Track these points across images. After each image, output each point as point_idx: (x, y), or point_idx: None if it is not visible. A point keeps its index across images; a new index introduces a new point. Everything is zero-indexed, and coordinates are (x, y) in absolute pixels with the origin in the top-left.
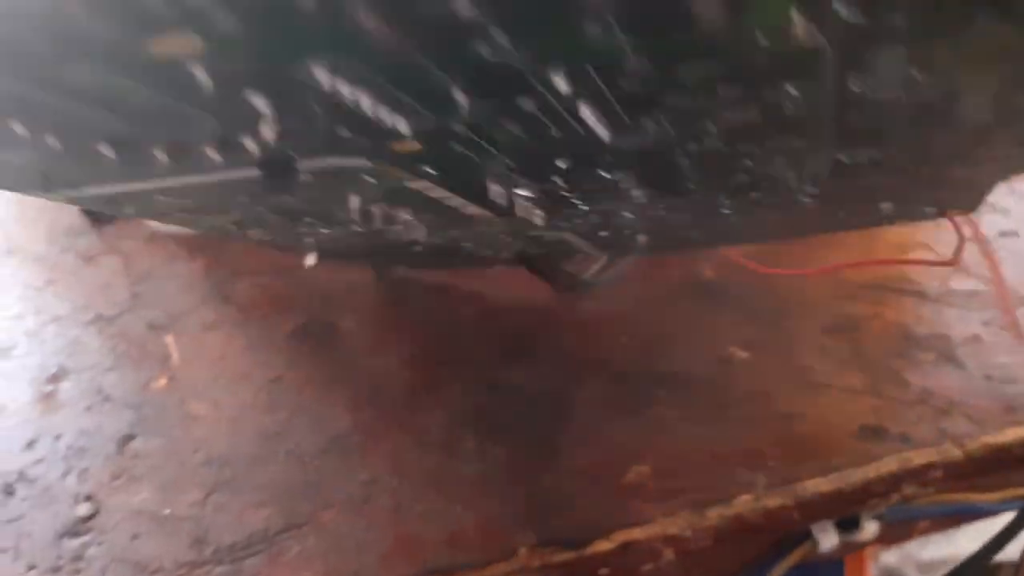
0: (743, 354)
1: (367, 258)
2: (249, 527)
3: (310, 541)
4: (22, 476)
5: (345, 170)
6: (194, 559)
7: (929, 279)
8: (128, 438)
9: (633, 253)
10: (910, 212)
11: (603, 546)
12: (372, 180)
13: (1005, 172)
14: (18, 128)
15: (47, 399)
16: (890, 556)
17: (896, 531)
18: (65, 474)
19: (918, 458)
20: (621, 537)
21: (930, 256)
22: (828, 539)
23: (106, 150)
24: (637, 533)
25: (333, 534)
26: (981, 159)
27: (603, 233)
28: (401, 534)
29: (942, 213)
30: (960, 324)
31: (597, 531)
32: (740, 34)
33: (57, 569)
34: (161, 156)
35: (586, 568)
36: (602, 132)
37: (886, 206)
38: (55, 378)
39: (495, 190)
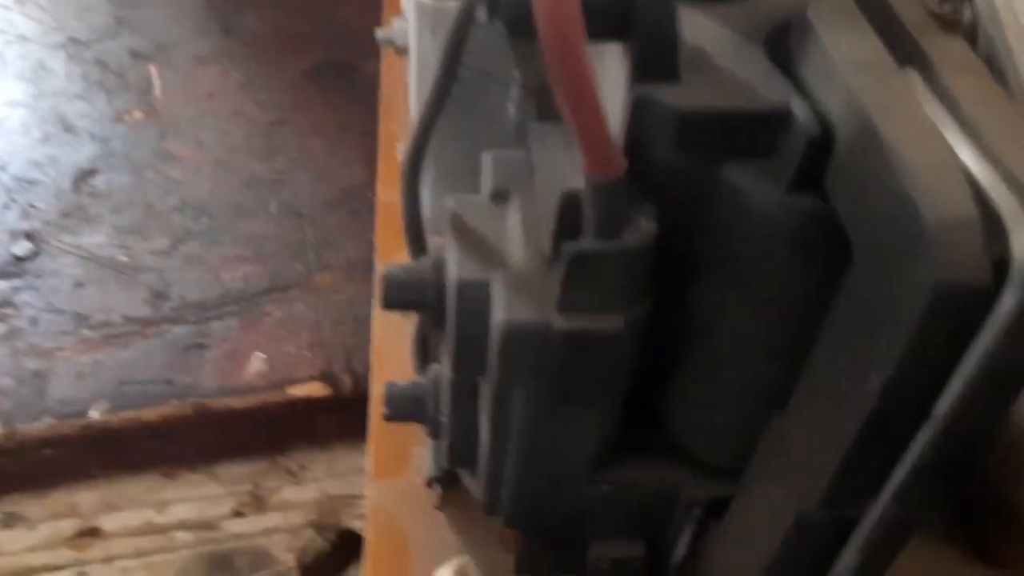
0: None
1: None
2: (223, 285)
3: (297, 307)
4: None
5: None
6: (149, 315)
7: None
8: (88, 173)
9: None
10: None
11: None
12: None
13: None
14: None
15: None
16: None
17: None
18: (5, 207)
19: None
20: None
21: None
22: None
23: None
24: None
25: (327, 302)
26: None
27: None
28: None
29: None
30: None
31: None
32: None
33: None
34: None
35: None
36: None
37: None
38: (9, 103)
39: None
